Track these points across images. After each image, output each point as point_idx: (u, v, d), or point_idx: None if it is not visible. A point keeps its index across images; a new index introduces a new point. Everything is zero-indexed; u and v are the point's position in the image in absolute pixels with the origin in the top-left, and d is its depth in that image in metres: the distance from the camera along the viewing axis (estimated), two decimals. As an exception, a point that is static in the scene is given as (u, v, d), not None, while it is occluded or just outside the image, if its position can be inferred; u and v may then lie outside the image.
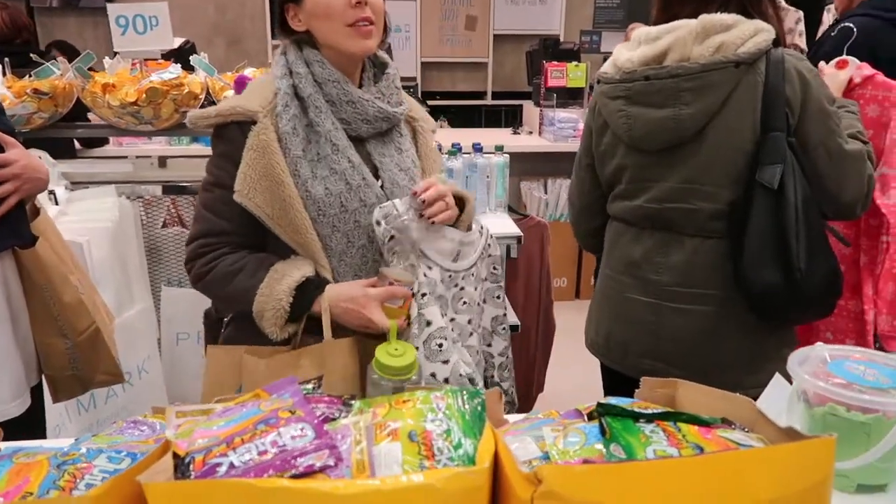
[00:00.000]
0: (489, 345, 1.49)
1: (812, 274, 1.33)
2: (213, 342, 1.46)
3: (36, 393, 1.48)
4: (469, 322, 1.38)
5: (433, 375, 1.25)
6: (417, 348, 1.22)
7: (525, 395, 2.88)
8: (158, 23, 2.29)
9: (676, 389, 0.87)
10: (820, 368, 0.93)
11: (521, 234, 2.44)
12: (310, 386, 0.82)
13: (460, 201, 1.36)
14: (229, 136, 1.23)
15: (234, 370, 1.23)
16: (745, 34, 1.34)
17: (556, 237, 3.13)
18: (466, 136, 3.44)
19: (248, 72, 2.34)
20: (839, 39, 2.04)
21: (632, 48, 1.50)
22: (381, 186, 1.30)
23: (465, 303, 1.37)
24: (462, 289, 1.35)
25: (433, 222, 1.26)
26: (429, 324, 1.26)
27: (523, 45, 5.70)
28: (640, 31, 1.49)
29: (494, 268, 1.46)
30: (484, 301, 1.45)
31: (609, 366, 1.64)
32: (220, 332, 1.42)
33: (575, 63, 4.41)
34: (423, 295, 1.27)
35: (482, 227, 1.42)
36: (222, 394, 0.86)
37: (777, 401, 0.99)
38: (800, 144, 1.36)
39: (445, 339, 1.27)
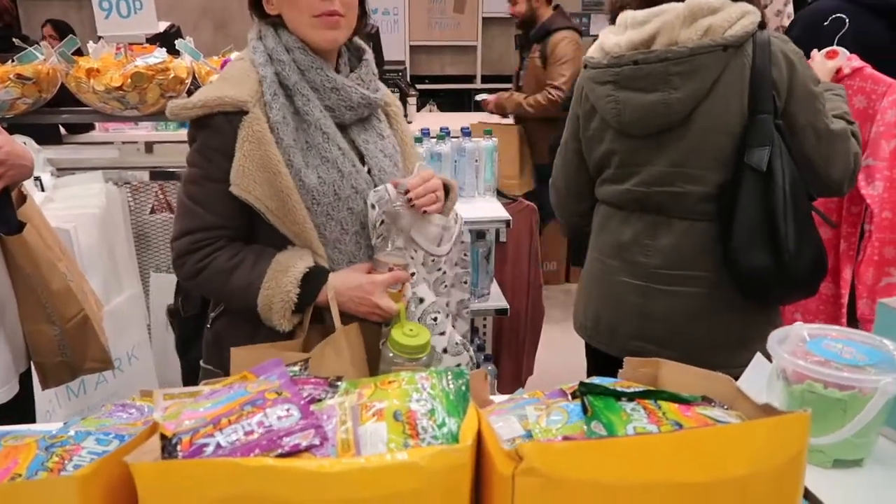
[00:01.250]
0: (453, 326, 1.52)
1: (800, 256, 1.35)
2: (187, 340, 1.48)
3: (25, 379, 1.48)
4: (447, 304, 1.43)
5: (433, 347, 1.28)
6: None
7: (514, 378, 2.91)
8: (143, 6, 2.27)
9: (659, 369, 0.89)
10: (799, 347, 0.94)
11: (510, 217, 2.45)
12: (296, 368, 0.83)
13: (445, 188, 1.37)
14: (217, 127, 1.19)
15: None
16: (733, 17, 1.35)
17: (545, 221, 3.14)
18: (455, 120, 3.44)
19: (235, 56, 2.32)
20: (830, 30, 2.07)
21: (618, 32, 1.50)
22: (368, 172, 1.31)
23: (445, 285, 1.41)
24: (444, 272, 1.39)
25: (424, 212, 1.28)
26: (422, 300, 1.30)
27: (512, 28, 5.66)
28: (626, 14, 1.49)
29: (465, 254, 1.49)
30: (452, 286, 1.48)
31: (597, 348, 1.66)
32: (193, 327, 1.41)
33: (564, 46, 4.39)
34: (412, 274, 1.30)
35: (456, 214, 1.45)
36: None
37: (758, 379, 1.01)
38: (787, 126, 1.37)
39: (439, 312, 1.32)
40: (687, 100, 1.39)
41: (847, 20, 2.04)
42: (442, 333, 1.31)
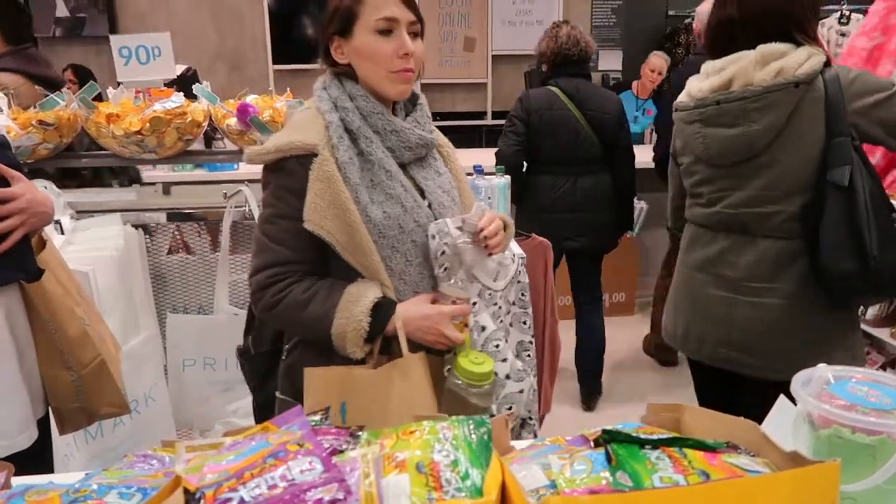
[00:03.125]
0: None
1: (885, 260, 1.51)
2: (260, 376, 1.57)
3: (42, 425, 1.48)
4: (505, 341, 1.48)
5: (496, 374, 1.34)
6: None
7: (531, 416, 2.87)
8: (161, 53, 2.32)
9: (682, 414, 0.88)
10: (824, 390, 0.93)
11: (524, 254, 2.44)
12: (317, 417, 0.83)
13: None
14: (290, 169, 1.29)
15: (338, 387, 1.29)
16: (801, 59, 1.57)
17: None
18: (468, 157, 3.45)
19: (250, 99, 2.36)
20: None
21: (701, 79, 1.74)
22: (429, 206, 1.39)
23: (500, 320, 1.46)
24: (499, 307, 1.46)
25: (490, 254, 1.38)
26: (483, 328, 1.39)
27: (521, 65, 5.74)
28: (707, 64, 1.73)
29: (523, 294, 1.55)
30: (510, 325, 1.53)
31: (688, 356, 1.89)
32: (267, 363, 1.50)
33: (573, 82, 4.42)
34: (474, 303, 1.38)
35: (514, 255, 1.53)
36: None
37: (783, 422, 0.99)
38: (888, 125, 1.55)
39: (500, 339, 1.40)
40: (765, 131, 1.60)
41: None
42: (504, 360, 1.39)
